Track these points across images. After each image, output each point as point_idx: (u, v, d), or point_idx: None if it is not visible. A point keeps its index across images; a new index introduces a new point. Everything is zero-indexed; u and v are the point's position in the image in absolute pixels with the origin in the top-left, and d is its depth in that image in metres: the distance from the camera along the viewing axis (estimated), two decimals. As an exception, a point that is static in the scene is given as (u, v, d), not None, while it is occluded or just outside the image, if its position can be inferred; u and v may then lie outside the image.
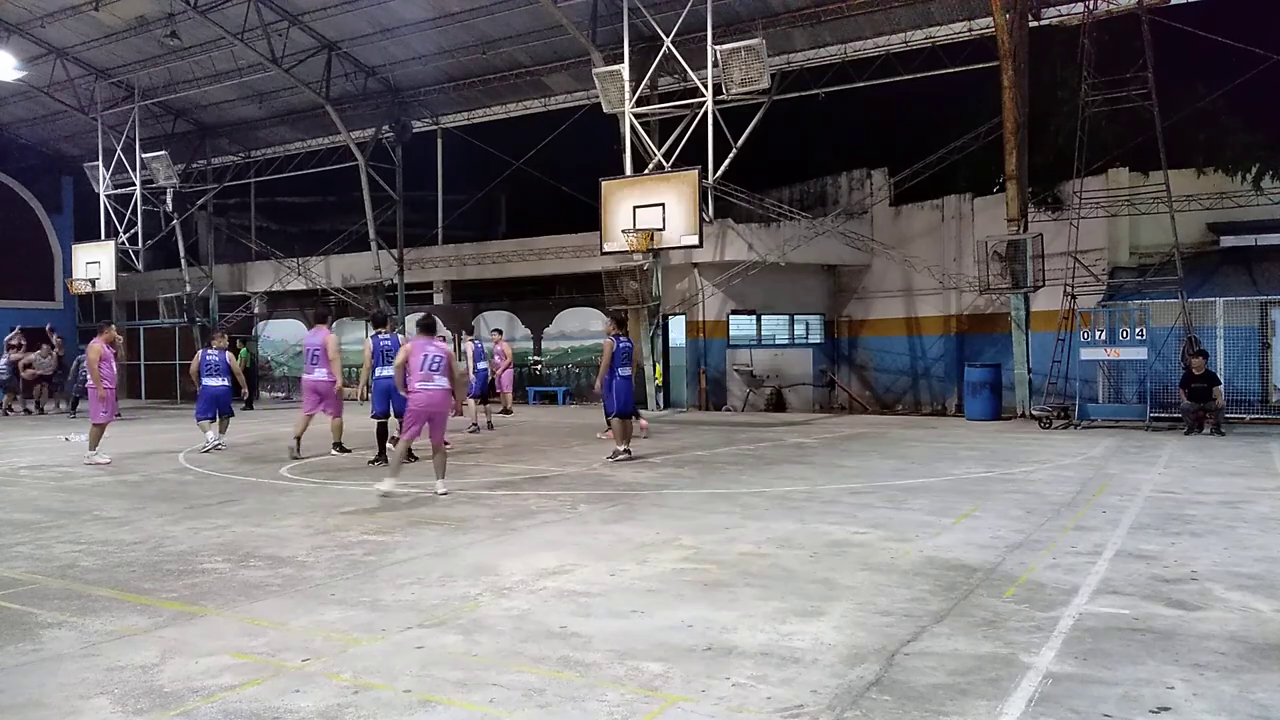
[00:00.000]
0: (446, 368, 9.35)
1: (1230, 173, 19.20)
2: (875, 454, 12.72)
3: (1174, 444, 13.45)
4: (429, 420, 9.34)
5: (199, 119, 29.14)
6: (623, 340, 12.42)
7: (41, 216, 31.95)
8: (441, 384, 9.29)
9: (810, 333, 24.71)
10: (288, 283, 29.59)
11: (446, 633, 4.91)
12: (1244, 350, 17.06)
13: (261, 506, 8.95)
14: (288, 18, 22.62)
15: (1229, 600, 5.37)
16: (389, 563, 6.52)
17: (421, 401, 9.28)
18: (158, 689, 4.16)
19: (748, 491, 9.50)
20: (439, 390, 9.29)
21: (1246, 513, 8.04)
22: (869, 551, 6.67)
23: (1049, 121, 20.45)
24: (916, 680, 4.15)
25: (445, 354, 9.42)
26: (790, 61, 21.15)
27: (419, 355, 9.30)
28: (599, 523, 7.92)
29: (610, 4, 19.76)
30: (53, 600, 5.67)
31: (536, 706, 3.92)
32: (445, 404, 9.38)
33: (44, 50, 25.08)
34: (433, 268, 27.81)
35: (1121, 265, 19.77)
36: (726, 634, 4.82)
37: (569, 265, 24.51)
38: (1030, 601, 5.36)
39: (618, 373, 12.22)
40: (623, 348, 12.32)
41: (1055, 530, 7.37)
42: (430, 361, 9.28)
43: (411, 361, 9.32)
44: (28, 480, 11.17)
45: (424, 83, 25.41)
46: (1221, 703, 3.88)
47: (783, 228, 22.25)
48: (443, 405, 9.36)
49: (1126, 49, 17.07)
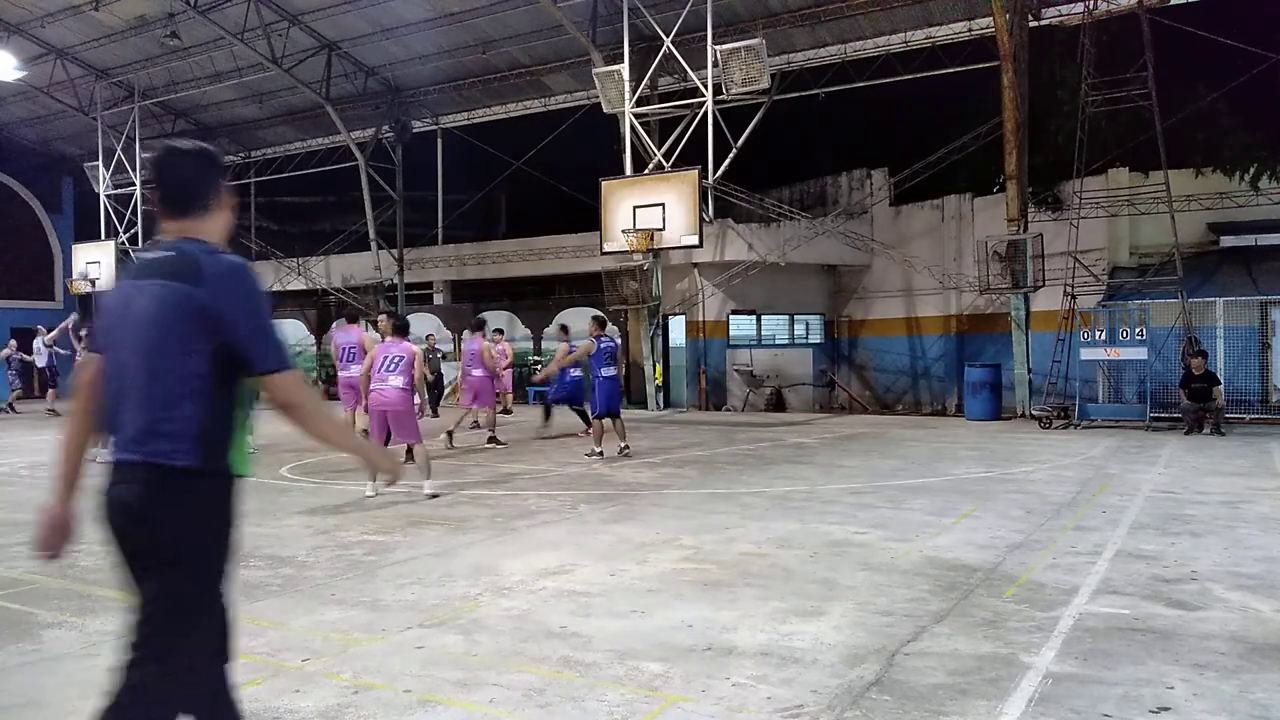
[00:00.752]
0: (406, 368, 9.44)
1: (1228, 173, 19.22)
2: (875, 454, 12.72)
3: (1174, 444, 13.45)
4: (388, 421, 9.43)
5: (199, 119, 29.14)
6: (604, 341, 12.52)
7: (42, 216, 31.93)
8: (395, 384, 9.39)
9: (810, 333, 24.71)
10: (287, 283, 29.60)
11: (446, 633, 4.91)
12: (1244, 350, 17.07)
13: (261, 506, 8.94)
14: (287, 18, 22.63)
15: (1229, 600, 5.37)
16: (389, 563, 6.52)
17: (374, 401, 9.45)
18: (158, 689, 4.15)
19: (748, 491, 9.50)
20: (391, 390, 9.39)
21: (1247, 513, 8.04)
22: (869, 551, 6.67)
23: (1049, 121, 20.46)
24: (916, 680, 4.15)
25: (408, 354, 9.51)
26: (790, 61, 21.16)
27: (380, 355, 9.53)
28: (599, 523, 7.92)
29: (610, 4, 19.76)
30: (52, 600, 5.68)
31: (537, 706, 3.92)
32: (399, 403, 9.41)
33: (44, 50, 25.08)
34: (433, 268, 27.81)
35: (1121, 265, 19.78)
36: (726, 634, 4.81)
37: (569, 265, 24.52)
38: (1030, 601, 5.36)
39: (601, 373, 12.33)
40: (604, 348, 12.40)
41: (1055, 530, 7.37)
42: (389, 362, 9.44)
43: (374, 363, 9.54)
44: (28, 480, 11.18)
45: (424, 83, 25.42)
46: (1221, 703, 3.88)
47: (783, 228, 22.25)
48: (396, 404, 9.40)
49: (1126, 49, 17.08)
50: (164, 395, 2.57)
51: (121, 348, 2.66)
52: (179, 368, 2.57)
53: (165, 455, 2.55)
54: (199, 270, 2.60)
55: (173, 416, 2.56)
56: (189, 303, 2.57)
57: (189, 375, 2.57)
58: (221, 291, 2.59)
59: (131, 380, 2.61)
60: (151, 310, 2.60)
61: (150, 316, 2.60)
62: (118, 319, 2.70)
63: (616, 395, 12.72)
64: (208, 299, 2.57)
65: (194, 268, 2.60)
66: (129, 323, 2.65)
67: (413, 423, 9.52)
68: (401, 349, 9.52)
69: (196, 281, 2.58)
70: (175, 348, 2.57)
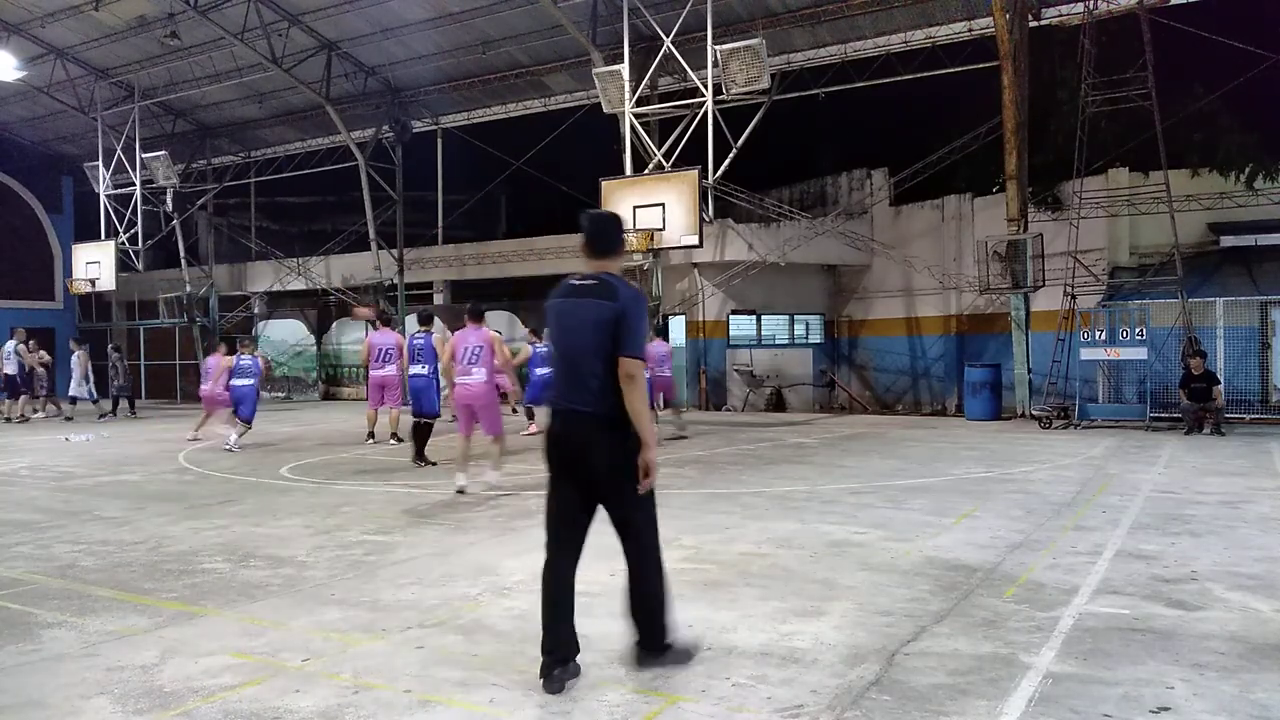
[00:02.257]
0: (486, 357, 9.33)
1: (1224, 173, 19.21)
2: (875, 454, 12.72)
3: (1174, 444, 13.46)
4: (471, 412, 9.40)
5: (199, 119, 29.12)
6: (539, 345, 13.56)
7: (41, 216, 31.93)
8: (478, 376, 9.30)
9: (810, 333, 24.70)
10: (287, 283, 29.60)
11: (447, 633, 4.91)
12: (1244, 350, 17.06)
13: (262, 506, 8.96)
14: (288, 18, 22.61)
15: (1229, 600, 5.37)
16: (389, 563, 6.52)
17: (458, 395, 9.40)
18: (158, 689, 4.16)
19: (747, 491, 9.50)
20: (475, 383, 9.33)
21: (1247, 513, 8.04)
22: (869, 551, 6.67)
23: (1049, 121, 20.45)
24: (916, 680, 4.15)
25: (486, 342, 9.39)
26: (790, 61, 21.14)
27: (460, 346, 9.37)
28: (598, 523, 7.90)
29: (610, 4, 19.75)
30: (53, 600, 5.68)
31: (536, 706, 3.93)
32: (484, 396, 9.37)
33: (44, 50, 25.06)
34: (433, 268, 27.80)
35: (1121, 265, 19.77)
36: (726, 634, 4.82)
37: (569, 265, 24.43)
38: (1030, 601, 5.36)
39: None
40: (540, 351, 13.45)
41: (1055, 530, 7.38)
42: (469, 354, 9.31)
43: (455, 353, 9.38)
44: (28, 480, 11.18)
45: (424, 83, 25.40)
46: (1221, 703, 3.88)
47: (783, 228, 22.25)
48: (481, 397, 9.36)
49: (1126, 49, 17.07)
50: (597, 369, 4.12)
51: (570, 337, 4.26)
52: (602, 351, 4.10)
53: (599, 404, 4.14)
54: (615, 292, 4.16)
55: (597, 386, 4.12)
56: (609, 313, 4.11)
57: (607, 357, 4.09)
58: (626, 307, 4.11)
59: (574, 365, 4.21)
60: (589, 316, 4.16)
61: (588, 320, 4.16)
62: (565, 319, 4.30)
63: None
64: (622, 312, 4.10)
65: (612, 291, 4.17)
66: (574, 323, 4.24)
67: (497, 415, 9.50)
68: (479, 337, 9.37)
69: (614, 299, 4.13)
70: (603, 338, 4.11)
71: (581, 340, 4.18)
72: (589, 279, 4.27)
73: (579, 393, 4.16)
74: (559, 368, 4.34)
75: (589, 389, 4.13)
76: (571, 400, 4.19)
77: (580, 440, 4.17)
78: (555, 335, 4.39)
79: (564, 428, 4.24)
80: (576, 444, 4.19)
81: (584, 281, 4.29)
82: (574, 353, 4.22)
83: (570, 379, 4.23)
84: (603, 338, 4.10)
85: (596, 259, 4.38)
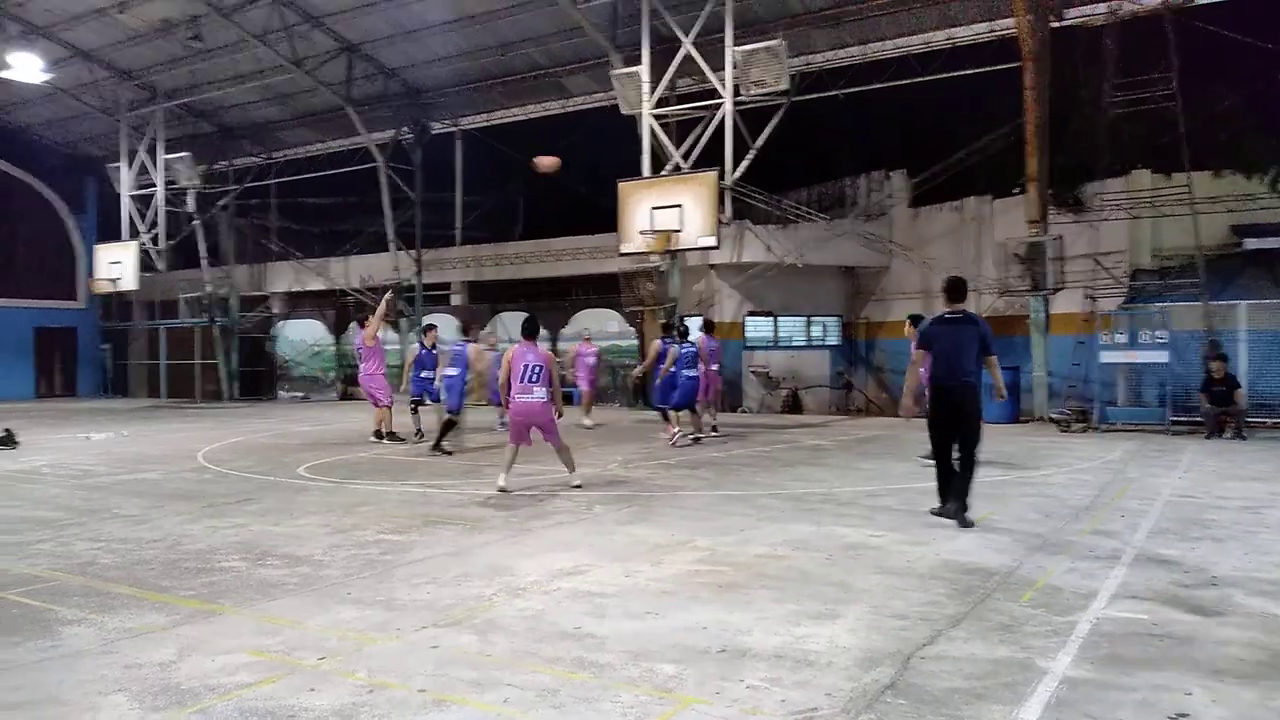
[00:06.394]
0: (546, 377, 9.48)
1: (1248, 175, 19.00)
2: (891, 456, 12.67)
3: (1194, 448, 13.33)
4: (532, 428, 9.59)
5: (221, 120, 29.37)
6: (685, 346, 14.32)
7: (64, 216, 32.28)
8: (540, 395, 9.44)
9: (827, 334, 24.60)
10: (306, 283, 29.78)
11: (461, 632, 4.93)
12: (1266, 354, 16.84)
13: (279, 505, 9.01)
14: (309, 20, 22.77)
15: (1249, 606, 5.32)
16: (405, 562, 6.55)
17: (518, 410, 9.49)
18: (175, 686, 4.20)
19: (763, 493, 9.49)
20: (537, 402, 9.46)
21: (1268, 518, 7.96)
22: (885, 554, 6.64)
23: (1070, 123, 20.28)
24: (932, 684, 4.13)
25: (545, 362, 9.52)
26: (810, 63, 21.08)
27: (519, 364, 9.45)
28: (614, 524, 7.92)
29: (630, 5, 19.77)
30: (72, 597, 5.73)
31: (550, 707, 3.93)
32: (543, 414, 9.53)
33: (70, 53, 25.34)
34: (450, 268, 27.91)
35: (1143, 268, 19.57)
36: (741, 636, 4.81)
37: (586, 266, 24.55)
38: (1047, 606, 5.33)
39: (684, 374, 14.17)
40: (685, 352, 14.18)
41: (1074, 534, 7.32)
42: (529, 371, 9.41)
43: (513, 370, 9.47)
44: (49, 478, 11.29)
45: (443, 84, 25.51)
46: (1240, 710, 3.84)
47: (801, 229, 22.18)
48: (541, 415, 9.51)
49: (1149, 50, 16.93)
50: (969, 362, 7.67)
51: (949, 347, 7.74)
52: (972, 353, 7.68)
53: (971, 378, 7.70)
54: (976, 321, 7.87)
55: (970, 370, 7.69)
56: (976, 332, 7.71)
57: (975, 357, 7.69)
58: (985, 328, 7.78)
59: (956, 359, 7.68)
60: (966, 336, 7.70)
61: (966, 338, 7.70)
62: (947, 337, 7.78)
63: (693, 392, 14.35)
64: (982, 331, 7.73)
65: (974, 320, 7.88)
66: (955, 340, 7.72)
67: (555, 426, 9.67)
68: (538, 356, 9.51)
69: (977, 325, 7.80)
70: (974, 348, 7.69)
71: (964, 347, 7.66)
72: (957, 313, 7.83)
73: (963, 373, 7.66)
74: (944, 361, 7.73)
75: (968, 370, 7.65)
76: (957, 377, 7.66)
77: (960, 395, 7.64)
78: (944, 344, 7.75)
79: (952, 390, 7.67)
80: (958, 397, 7.63)
81: (956, 315, 7.82)
82: (958, 352, 7.66)
83: (954, 367, 7.67)
84: (973, 346, 7.67)
85: (957, 302, 7.89)
